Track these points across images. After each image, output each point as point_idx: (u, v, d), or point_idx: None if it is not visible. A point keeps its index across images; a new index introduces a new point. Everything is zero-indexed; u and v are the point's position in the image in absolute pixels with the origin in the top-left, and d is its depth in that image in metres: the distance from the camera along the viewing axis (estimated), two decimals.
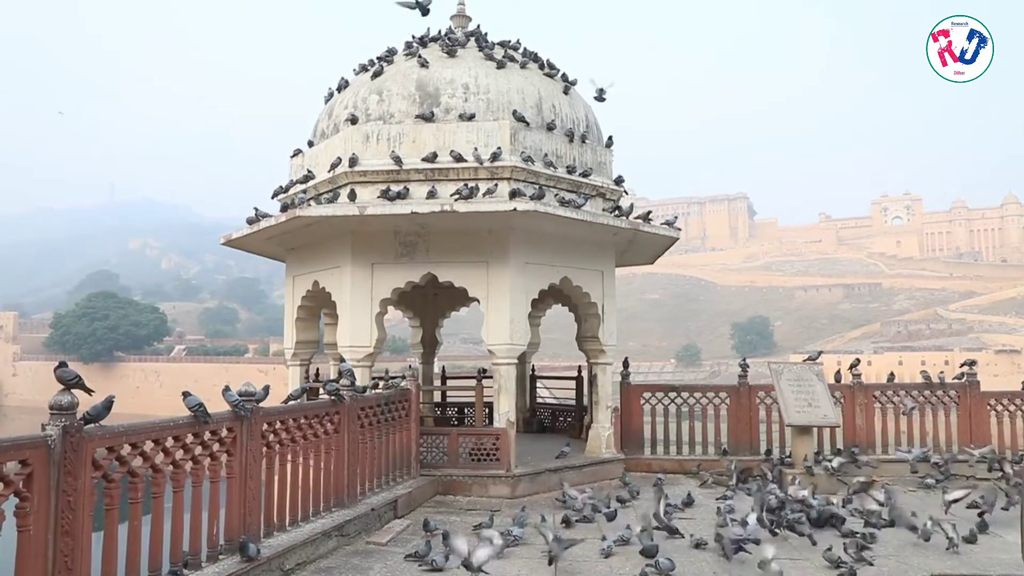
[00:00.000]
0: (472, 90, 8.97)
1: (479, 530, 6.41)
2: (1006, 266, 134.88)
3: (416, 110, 8.78)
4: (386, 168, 8.56)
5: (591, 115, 10.09)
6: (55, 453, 3.84)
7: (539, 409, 12.57)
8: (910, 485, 9.11)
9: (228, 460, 5.24)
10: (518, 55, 9.74)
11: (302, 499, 6.15)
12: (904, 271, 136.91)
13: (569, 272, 9.15)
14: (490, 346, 8.62)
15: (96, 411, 4.16)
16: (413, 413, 8.18)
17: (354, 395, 6.93)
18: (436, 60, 9.24)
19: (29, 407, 73.37)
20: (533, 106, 9.10)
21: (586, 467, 9.23)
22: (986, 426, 9.98)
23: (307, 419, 6.25)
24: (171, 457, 4.75)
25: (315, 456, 6.37)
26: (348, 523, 6.43)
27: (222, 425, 5.16)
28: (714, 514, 7.06)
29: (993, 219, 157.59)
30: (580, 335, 9.95)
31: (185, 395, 5.00)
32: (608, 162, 9.88)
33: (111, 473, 4.25)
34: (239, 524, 5.24)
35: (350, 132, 8.84)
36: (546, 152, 8.91)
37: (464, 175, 8.46)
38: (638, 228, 9.07)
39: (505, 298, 8.47)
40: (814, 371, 9.74)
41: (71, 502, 3.90)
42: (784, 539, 6.57)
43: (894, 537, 6.71)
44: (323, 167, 9.05)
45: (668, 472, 9.76)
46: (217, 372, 72.45)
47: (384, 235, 8.62)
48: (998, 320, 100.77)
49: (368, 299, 8.63)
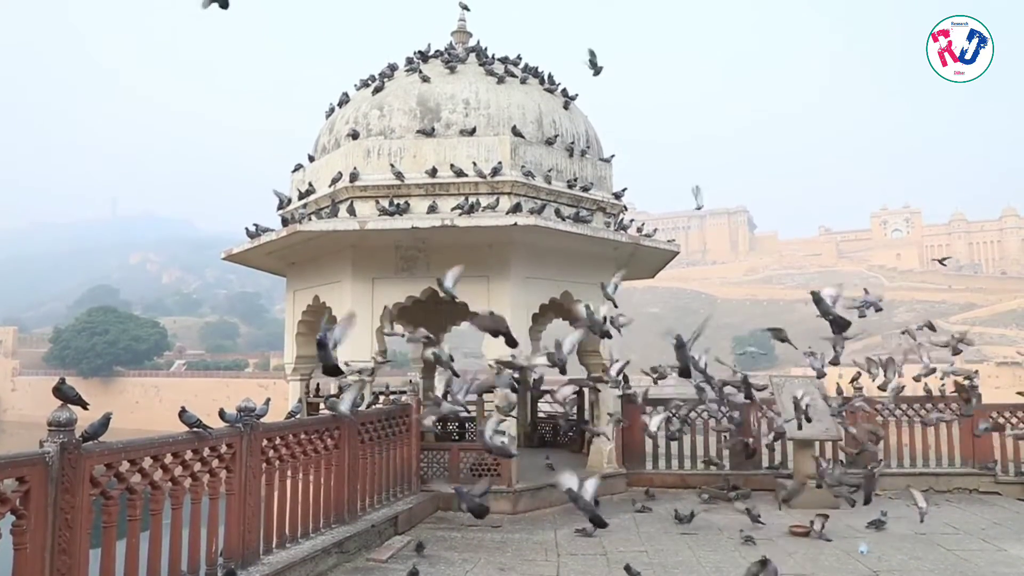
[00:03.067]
0: (473, 105, 9.00)
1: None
2: (1006, 278, 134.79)
3: (417, 125, 8.81)
4: (387, 183, 8.58)
5: (591, 130, 10.12)
6: (53, 470, 3.81)
7: (540, 423, 12.53)
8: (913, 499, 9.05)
9: (227, 476, 5.21)
10: (518, 70, 9.78)
11: (302, 516, 6.11)
12: (904, 283, 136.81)
13: (570, 286, 9.14)
14: (491, 361, 8.59)
15: (94, 428, 4.14)
16: (414, 428, 8.15)
17: (354, 410, 6.89)
18: (437, 75, 9.27)
19: (28, 422, 73.10)
20: (533, 121, 9.13)
21: None
22: (988, 439, 9.92)
23: (307, 434, 6.22)
24: (170, 474, 4.72)
25: (315, 472, 6.33)
26: (348, 540, 6.38)
27: (221, 441, 5.13)
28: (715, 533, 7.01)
29: (992, 231, 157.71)
30: (581, 350, 9.91)
31: (182, 411, 4.97)
32: (608, 176, 9.90)
33: (109, 490, 4.22)
34: (238, 541, 5.21)
35: (351, 147, 8.86)
36: (546, 167, 8.93)
37: (465, 190, 8.47)
38: (638, 242, 9.07)
39: (506, 312, 8.42)
40: (815, 384, 9.70)
41: (69, 520, 3.87)
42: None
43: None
44: (324, 182, 9.06)
45: (670, 487, 9.71)
46: (217, 387, 72.23)
47: (385, 250, 8.62)
48: (999, 332, 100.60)
49: (369, 314, 8.61)
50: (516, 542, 7.13)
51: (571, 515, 8.25)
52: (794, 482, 8.90)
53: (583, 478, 4.27)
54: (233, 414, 5.32)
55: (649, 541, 7.12)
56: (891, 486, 9.58)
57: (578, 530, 7.29)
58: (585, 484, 4.23)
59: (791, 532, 7.27)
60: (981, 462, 9.80)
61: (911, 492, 7.64)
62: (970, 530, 7.55)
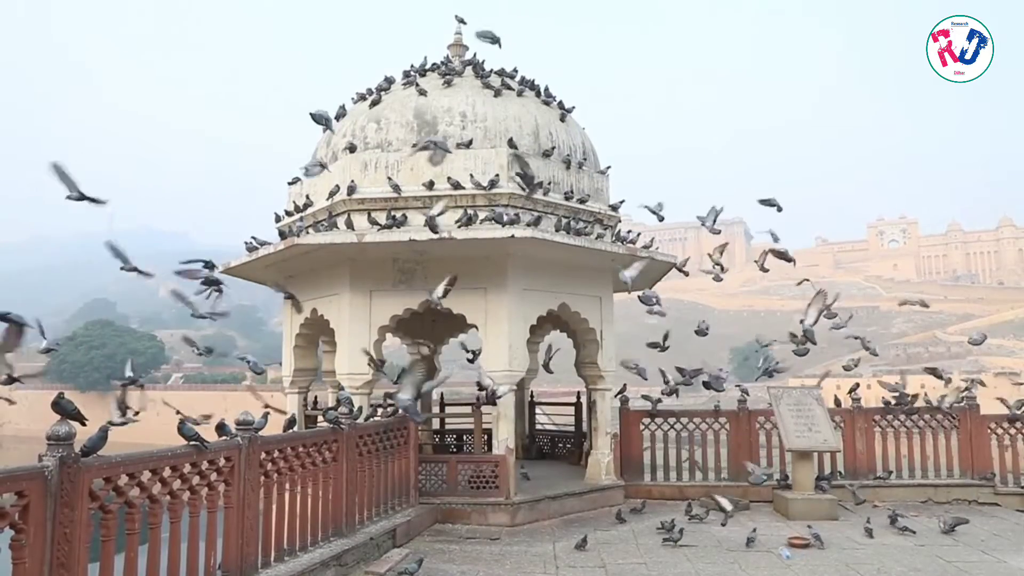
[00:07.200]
0: (470, 118, 9.04)
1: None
2: (1003, 288, 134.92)
3: (414, 138, 8.83)
4: (384, 196, 8.60)
5: (588, 142, 10.16)
6: (52, 484, 3.81)
7: (538, 435, 12.51)
8: (912, 510, 9.05)
9: (226, 490, 5.20)
10: (515, 83, 9.82)
11: (300, 529, 6.09)
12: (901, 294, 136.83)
13: (567, 298, 9.16)
14: (489, 372, 8.59)
15: (92, 442, 4.13)
16: (412, 441, 8.14)
17: (353, 423, 6.89)
18: (434, 89, 9.31)
19: (25, 436, 72.73)
20: (530, 133, 9.17)
21: (586, 494, 9.16)
22: (987, 450, 9.92)
23: (305, 448, 6.21)
24: (168, 487, 4.71)
25: (313, 485, 6.32)
26: (346, 553, 6.36)
27: (220, 454, 5.13)
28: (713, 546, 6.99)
29: (989, 242, 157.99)
30: (579, 361, 9.93)
31: (181, 424, 4.95)
32: (605, 188, 9.94)
33: (108, 504, 4.21)
34: (237, 555, 5.19)
35: (348, 160, 8.89)
36: (543, 179, 8.95)
37: (462, 202, 8.49)
38: (635, 254, 9.08)
39: (503, 324, 8.47)
40: (813, 395, 9.73)
41: (67, 534, 3.86)
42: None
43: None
44: (321, 195, 9.08)
45: (668, 499, 9.70)
46: (215, 400, 71.91)
47: (382, 262, 8.63)
48: (996, 343, 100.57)
49: (366, 326, 8.62)
50: (514, 554, 7.11)
51: (570, 527, 8.25)
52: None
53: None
54: (230, 430, 5.31)
55: (648, 553, 7.10)
56: (889, 497, 9.59)
57: (577, 544, 7.27)
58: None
59: (791, 543, 7.26)
60: (980, 473, 9.79)
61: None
62: (969, 541, 7.54)
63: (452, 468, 8.55)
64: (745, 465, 9.36)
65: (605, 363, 9.64)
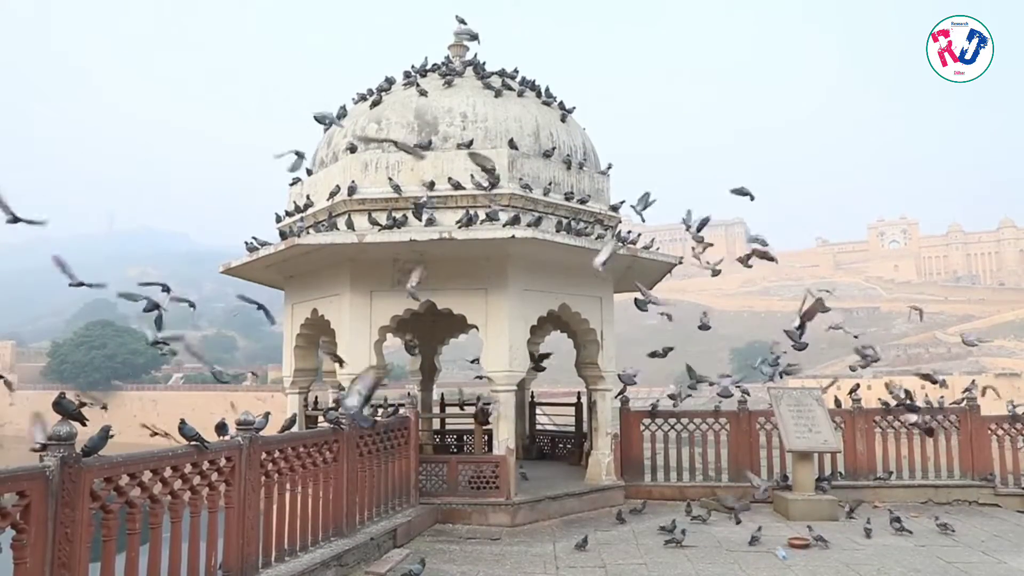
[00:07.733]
0: (470, 118, 9.04)
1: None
2: (1003, 289, 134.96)
3: (415, 138, 8.84)
4: (385, 196, 8.60)
5: (588, 142, 10.16)
6: (53, 484, 3.81)
7: (538, 436, 12.52)
8: (912, 510, 9.05)
9: (227, 490, 5.20)
10: (515, 84, 9.82)
11: (301, 529, 6.09)
12: (902, 295, 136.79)
13: (568, 299, 9.16)
14: (489, 373, 8.60)
15: (93, 443, 4.14)
16: (412, 441, 8.14)
17: (353, 423, 6.89)
18: (434, 89, 9.32)
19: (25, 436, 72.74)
20: (531, 134, 9.17)
21: (586, 494, 9.17)
22: (987, 451, 9.92)
23: (306, 448, 6.22)
24: (169, 487, 4.72)
25: (314, 485, 6.32)
26: (347, 553, 6.37)
27: (221, 455, 5.13)
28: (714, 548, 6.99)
29: (989, 243, 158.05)
30: (579, 361, 9.93)
31: (181, 424, 4.97)
32: (606, 189, 9.94)
33: (109, 504, 4.22)
34: (237, 555, 5.20)
35: (349, 160, 8.90)
36: (544, 179, 8.96)
37: (463, 203, 8.50)
38: (636, 254, 9.09)
39: (504, 325, 8.47)
40: (814, 396, 9.73)
41: (68, 534, 3.87)
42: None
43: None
44: (322, 195, 9.09)
45: (668, 499, 9.70)
46: (215, 400, 71.94)
47: (383, 263, 8.64)
48: (997, 344, 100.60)
49: (367, 327, 8.62)
50: (515, 555, 7.11)
51: (570, 528, 8.25)
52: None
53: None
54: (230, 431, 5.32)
55: (648, 554, 7.10)
56: (890, 498, 9.59)
57: (577, 544, 7.27)
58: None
59: (791, 544, 7.26)
60: (981, 474, 9.80)
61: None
62: (970, 542, 7.54)
63: (452, 468, 8.56)
64: (747, 475, 9.39)
65: (605, 364, 9.65)
